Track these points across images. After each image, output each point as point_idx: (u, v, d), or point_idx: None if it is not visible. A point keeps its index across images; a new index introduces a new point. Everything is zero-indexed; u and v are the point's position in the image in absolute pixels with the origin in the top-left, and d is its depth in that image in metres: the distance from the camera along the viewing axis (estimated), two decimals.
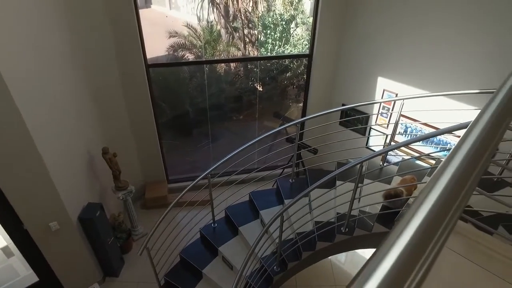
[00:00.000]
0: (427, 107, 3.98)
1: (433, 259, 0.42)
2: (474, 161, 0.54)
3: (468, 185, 0.51)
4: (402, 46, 4.33)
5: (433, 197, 0.47)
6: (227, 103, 7.35)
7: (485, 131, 0.62)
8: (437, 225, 0.44)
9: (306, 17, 7.21)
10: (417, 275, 0.39)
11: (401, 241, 0.41)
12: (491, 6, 3.39)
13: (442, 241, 0.44)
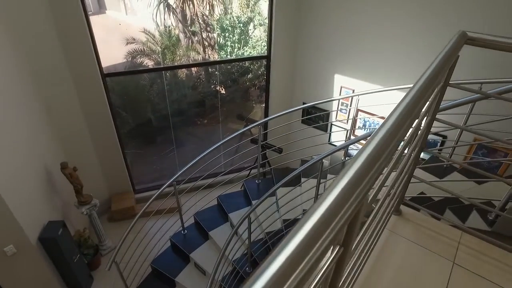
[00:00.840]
0: (382, 101, 4.20)
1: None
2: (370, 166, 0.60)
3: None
4: (355, 44, 4.53)
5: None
6: (190, 108, 7.30)
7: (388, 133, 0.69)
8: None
9: (264, 18, 7.33)
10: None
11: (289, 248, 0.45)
12: (433, 4, 3.66)
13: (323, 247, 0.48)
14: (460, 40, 1.19)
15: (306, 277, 0.43)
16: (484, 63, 3.34)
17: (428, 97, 0.90)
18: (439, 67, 0.98)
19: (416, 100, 0.80)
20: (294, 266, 0.42)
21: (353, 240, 0.64)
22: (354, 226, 0.61)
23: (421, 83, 0.87)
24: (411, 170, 1.65)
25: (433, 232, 1.71)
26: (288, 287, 0.40)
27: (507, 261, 1.55)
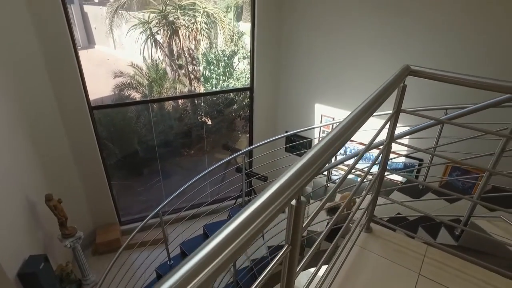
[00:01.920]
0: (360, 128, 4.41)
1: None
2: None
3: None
4: (333, 74, 4.83)
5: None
6: (176, 139, 7.43)
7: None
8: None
9: (247, 51, 7.70)
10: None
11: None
12: (404, 43, 4.00)
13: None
14: (403, 72, 1.39)
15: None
16: (446, 92, 3.61)
17: (364, 120, 1.06)
18: (379, 95, 1.16)
19: (352, 122, 0.97)
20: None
21: (298, 240, 0.77)
22: (298, 227, 0.74)
23: (359, 109, 1.04)
24: (376, 191, 1.79)
25: (401, 247, 1.83)
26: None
27: (468, 271, 1.68)
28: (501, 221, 2.06)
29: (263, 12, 5.00)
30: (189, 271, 0.54)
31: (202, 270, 0.54)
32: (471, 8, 3.58)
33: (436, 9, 3.79)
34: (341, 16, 4.54)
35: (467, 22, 3.65)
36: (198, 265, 0.55)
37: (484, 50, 3.59)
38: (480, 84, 1.51)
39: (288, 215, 0.81)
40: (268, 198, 0.70)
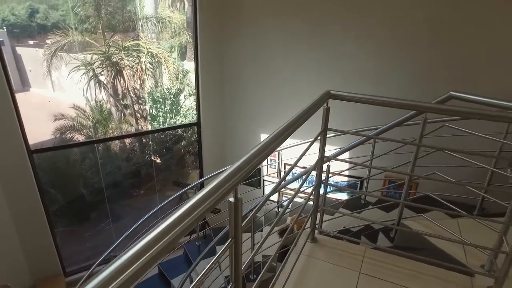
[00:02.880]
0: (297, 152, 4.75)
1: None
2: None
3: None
4: (273, 104, 5.18)
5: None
6: (125, 180, 7.21)
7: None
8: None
9: (193, 89, 7.93)
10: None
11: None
12: (333, 71, 4.51)
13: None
14: (324, 96, 1.66)
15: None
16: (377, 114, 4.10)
17: (289, 134, 1.28)
18: (302, 114, 1.41)
19: (278, 135, 1.18)
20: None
21: (239, 232, 0.92)
22: (238, 220, 0.90)
23: (284, 126, 1.26)
24: (315, 204, 2.01)
25: (343, 252, 2.03)
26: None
27: (401, 264, 1.92)
28: (424, 219, 2.38)
29: (205, 51, 5.31)
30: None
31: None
32: (391, 38, 4.21)
33: (352, 41, 4.39)
34: (274, 50, 5.01)
35: (387, 50, 4.27)
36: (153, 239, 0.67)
37: (405, 74, 4.20)
38: (390, 103, 1.84)
39: (228, 212, 0.96)
40: (210, 190, 0.84)
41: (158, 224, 0.72)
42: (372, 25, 4.25)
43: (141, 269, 0.64)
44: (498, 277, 1.70)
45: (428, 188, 3.04)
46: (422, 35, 4.01)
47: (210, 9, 5.11)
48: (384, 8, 4.14)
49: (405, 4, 4.03)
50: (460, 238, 2.08)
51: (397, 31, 4.14)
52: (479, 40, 3.76)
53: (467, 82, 3.84)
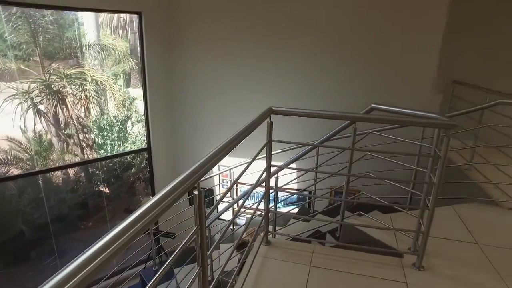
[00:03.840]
0: (251, 171, 4.99)
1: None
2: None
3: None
4: (225, 124, 5.40)
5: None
6: (71, 213, 6.84)
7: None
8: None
9: (141, 115, 7.89)
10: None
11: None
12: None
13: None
14: (267, 112, 1.93)
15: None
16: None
17: (234, 146, 1.50)
18: (245, 129, 1.64)
19: (226, 144, 1.40)
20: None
21: (203, 221, 1.10)
22: (202, 210, 1.08)
23: (230, 138, 1.49)
24: (266, 208, 2.23)
25: (295, 251, 2.25)
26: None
27: (346, 255, 2.20)
28: (363, 217, 2.71)
29: (153, 76, 5.42)
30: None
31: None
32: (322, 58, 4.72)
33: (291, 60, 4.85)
34: (221, 71, 5.33)
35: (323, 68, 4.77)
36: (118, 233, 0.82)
37: (337, 89, 4.71)
38: (326, 115, 2.17)
39: (194, 203, 1.14)
40: (177, 184, 1.02)
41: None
42: (312, 45, 4.78)
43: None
44: (419, 253, 2.04)
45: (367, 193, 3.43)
46: (355, 57, 4.63)
47: (156, 35, 5.28)
48: (321, 32, 4.72)
49: (340, 28, 4.65)
50: (388, 226, 2.43)
51: (334, 52, 4.72)
52: (395, 60, 4.45)
53: (386, 96, 4.46)
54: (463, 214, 2.84)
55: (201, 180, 1.21)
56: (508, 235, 2.59)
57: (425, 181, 2.07)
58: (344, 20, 4.63)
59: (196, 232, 1.12)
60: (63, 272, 0.66)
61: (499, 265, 2.15)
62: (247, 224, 2.24)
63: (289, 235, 2.85)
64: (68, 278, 0.66)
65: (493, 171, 3.24)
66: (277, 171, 2.99)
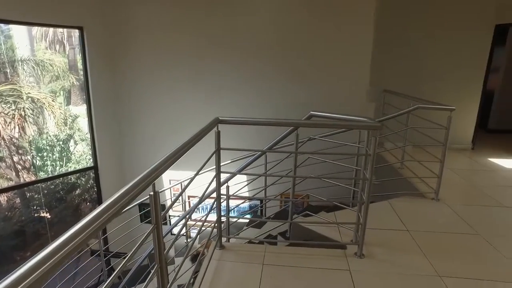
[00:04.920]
0: (200, 183, 5.04)
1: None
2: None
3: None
4: (175, 137, 5.36)
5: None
6: (3, 244, 6.26)
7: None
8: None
9: (85, 133, 7.53)
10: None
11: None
12: None
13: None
14: (214, 122, 2.06)
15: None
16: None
17: (183, 152, 1.60)
18: (193, 138, 1.75)
19: (176, 151, 1.50)
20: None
21: (159, 218, 1.18)
22: (157, 208, 1.16)
23: (179, 146, 1.59)
24: (218, 215, 2.34)
25: (247, 252, 2.37)
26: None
27: (295, 252, 2.36)
28: (311, 218, 2.91)
29: (98, 92, 5.27)
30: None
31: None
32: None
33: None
34: (167, 84, 5.38)
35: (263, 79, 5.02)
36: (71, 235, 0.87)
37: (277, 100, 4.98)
38: (271, 122, 2.35)
39: (150, 202, 1.21)
40: (133, 184, 1.09)
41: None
42: (255, 58, 5.07)
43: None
44: (360, 243, 2.27)
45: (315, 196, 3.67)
46: (297, 70, 4.97)
47: (99, 50, 5.18)
48: (263, 45, 5.06)
49: (282, 44, 5.03)
50: (331, 221, 2.65)
51: (279, 66, 5.07)
52: (333, 73, 4.87)
53: (326, 105, 4.84)
54: (396, 207, 3.18)
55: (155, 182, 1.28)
56: (431, 221, 2.96)
57: (360, 178, 2.32)
58: (286, 36, 4.98)
59: (153, 230, 1.18)
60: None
61: (424, 247, 2.46)
62: (198, 233, 2.31)
63: (243, 237, 2.97)
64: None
65: (420, 167, 3.67)
66: (228, 179, 3.10)
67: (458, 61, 5.18)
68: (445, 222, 2.95)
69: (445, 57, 5.19)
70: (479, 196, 3.57)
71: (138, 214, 5.60)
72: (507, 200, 3.42)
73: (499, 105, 6.64)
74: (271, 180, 3.86)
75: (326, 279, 2.09)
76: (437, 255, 2.38)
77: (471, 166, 4.65)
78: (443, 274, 2.16)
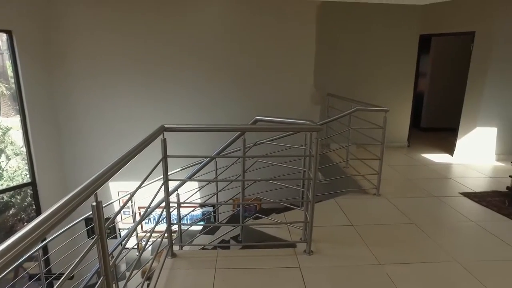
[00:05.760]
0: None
1: None
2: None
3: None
4: (118, 147, 5.16)
5: None
6: None
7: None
8: None
9: (19, 147, 6.91)
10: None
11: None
12: None
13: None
14: (159, 130, 2.03)
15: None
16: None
17: (127, 161, 1.58)
18: (138, 146, 1.73)
19: (119, 160, 1.47)
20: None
21: (103, 229, 1.15)
22: (101, 219, 1.13)
23: (124, 153, 1.56)
24: (168, 223, 2.31)
25: (200, 258, 2.36)
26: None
27: (248, 254, 2.40)
28: (262, 220, 2.98)
29: (33, 102, 4.87)
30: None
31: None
32: None
33: None
34: (110, 91, 5.18)
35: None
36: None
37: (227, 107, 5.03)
38: (219, 128, 2.37)
39: (93, 212, 1.17)
40: (74, 195, 1.06)
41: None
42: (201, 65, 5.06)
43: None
44: (308, 241, 2.38)
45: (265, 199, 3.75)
46: (244, 78, 5.07)
47: (33, 56, 4.82)
48: (204, 52, 5.09)
49: (228, 53, 5.12)
50: (280, 222, 2.75)
51: (225, 73, 5.09)
52: (280, 79, 5.05)
53: (275, 110, 5.00)
54: (342, 204, 3.37)
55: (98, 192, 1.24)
56: (373, 215, 3.19)
57: (305, 177, 2.43)
58: (234, 42, 5.08)
59: (96, 241, 1.14)
60: None
61: (367, 239, 2.65)
62: (145, 243, 2.25)
63: (196, 244, 2.94)
64: None
65: (362, 165, 3.93)
66: (178, 186, 3.07)
67: (391, 67, 5.65)
68: (384, 214, 3.19)
69: (380, 63, 5.62)
70: (413, 188, 3.91)
71: (84, 229, 5.28)
72: (436, 190, 3.80)
73: (428, 105, 7.33)
74: (222, 186, 3.88)
75: (277, 278, 2.16)
76: (379, 245, 2.57)
77: (407, 162, 5.07)
78: (384, 262, 2.33)
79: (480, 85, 4.94)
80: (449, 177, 4.37)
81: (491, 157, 5.13)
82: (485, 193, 3.75)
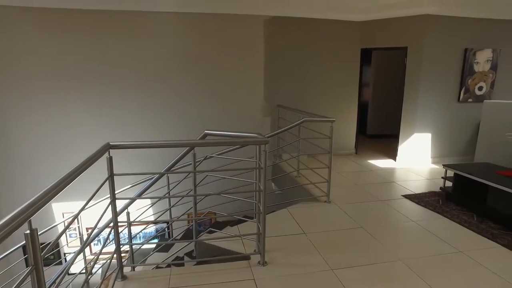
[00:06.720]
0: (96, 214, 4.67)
1: None
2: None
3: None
4: (61, 166, 4.86)
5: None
6: None
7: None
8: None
9: None
10: None
11: None
12: None
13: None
14: (104, 147, 1.96)
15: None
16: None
17: (69, 182, 1.51)
18: (83, 163, 1.66)
19: (60, 181, 1.40)
20: None
21: (39, 259, 1.08)
22: (36, 249, 1.07)
23: (67, 173, 1.49)
24: (117, 244, 2.21)
25: (151, 278, 2.29)
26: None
27: (203, 270, 2.36)
28: (216, 234, 2.96)
29: None
30: None
31: None
32: None
33: None
34: (53, 109, 4.89)
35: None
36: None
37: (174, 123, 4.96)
38: (167, 144, 2.33)
39: (26, 242, 1.10)
40: (4, 223, 0.98)
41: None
42: (150, 83, 4.93)
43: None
44: (261, 252, 2.41)
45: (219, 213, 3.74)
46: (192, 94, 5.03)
47: None
48: (153, 69, 5.04)
49: (179, 71, 5.03)
50: (233, 235, 2.76)
51: (173, 90, 4.99)
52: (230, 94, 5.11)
53: (226, 123, 5.04)
54: (294, 213, 3.46)
55: (41, 231, 1.17)
56: (324, 222, 3.31)
57: (255, 190, 2.47)
58: (183, 58, 5.08)
59: (31, 271, 1.06)
60: None
61: (318, 246, 2.75)
62: (91, 267, 2.14)
63: (149, 264, 2.84)
64: None
65: (313, 174, 4.08)
66: (127, 204, 2.95)
67: (337, 78, 5.97)
68: (335, 220, 3.33)
69: (326, 75, 5.91)
70: (361, 193, 4.13)
71: (22, 258, 4.85)
72: (381, 194, 4.05)
73: (372, 114, 7.84)
74: (175, 201, 3.81)
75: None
76: (329, 251, 2.67)
77: (355, 168, 5.35)
78: (334, 267, 2.43)
79: (415, 95, 5.39)
80: (392, 181, 4.68)
81: (427, 161, 5.60)
82: (423, 194, 4.08)
